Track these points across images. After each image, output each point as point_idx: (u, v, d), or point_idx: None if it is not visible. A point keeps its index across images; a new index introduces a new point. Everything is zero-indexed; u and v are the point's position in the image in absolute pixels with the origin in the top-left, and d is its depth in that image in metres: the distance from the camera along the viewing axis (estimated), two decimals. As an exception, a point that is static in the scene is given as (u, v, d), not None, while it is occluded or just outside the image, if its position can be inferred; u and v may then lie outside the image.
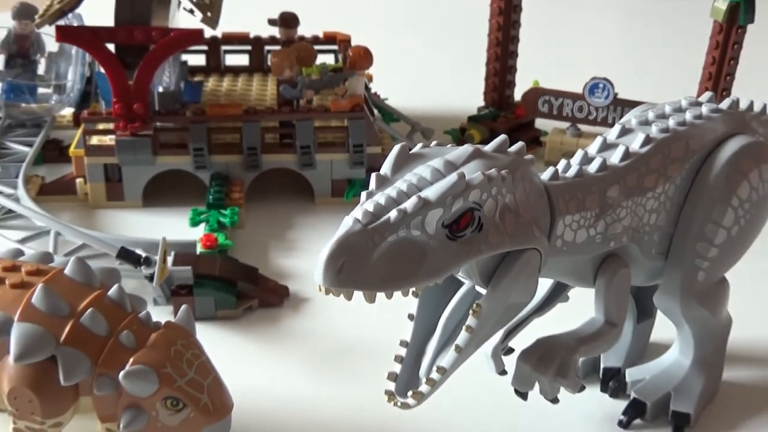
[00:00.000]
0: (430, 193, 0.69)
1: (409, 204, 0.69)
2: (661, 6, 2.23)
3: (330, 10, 1.91)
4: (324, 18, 1.62)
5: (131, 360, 0.75)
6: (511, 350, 0.87)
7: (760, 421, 0.93)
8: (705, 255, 0.85)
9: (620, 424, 0.92)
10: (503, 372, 0.86)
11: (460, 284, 0.79)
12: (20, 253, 0.85)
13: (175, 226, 1.25)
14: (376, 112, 1.43)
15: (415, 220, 0.69)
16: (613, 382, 0.96)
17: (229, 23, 1.35)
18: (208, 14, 1.19)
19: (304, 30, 1.52)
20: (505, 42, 1.51)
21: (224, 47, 1.55)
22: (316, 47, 1.45)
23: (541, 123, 1.53)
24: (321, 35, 1.55)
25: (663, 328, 0.97)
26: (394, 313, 0.79)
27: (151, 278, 1.05)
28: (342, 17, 1.64)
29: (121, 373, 0.74)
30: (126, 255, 1.07)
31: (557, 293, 0.89)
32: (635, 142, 0.83)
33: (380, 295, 0.69)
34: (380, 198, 0.70)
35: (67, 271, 0.80)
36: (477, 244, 0.71)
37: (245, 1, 1.92)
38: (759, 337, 1.05)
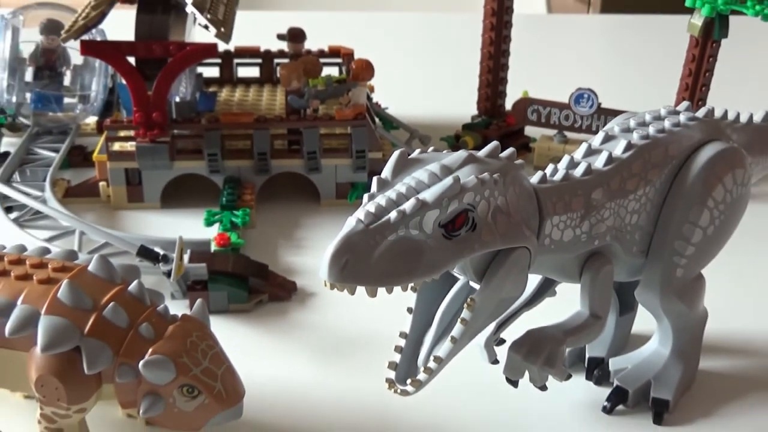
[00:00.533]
0: (428, 195, 0.69)
1: (407, 205, 0.69)
2: (641, 22, 2.23)
3: (335, 26, 1.91)
4: (329, 33, 1.62)
5: (150, 350, 0.75)
6: (502, 341, 0.87)
7: (734, 407, 0.94)
8: (683, 253, 0.86)
9: (604, 410, 0.92)
10: (495, 361, 0.87)
11: (456, 280, 0.79)
12: (47, 251, 0.85)
13: (191, 226, 1.25)
14: (377, 120, 1.43)
15: (414, 220, 0.69)
16: (597, 370, 0.96)
17: (240, 38, 1.35)
18: (222, 30, 1.19)
19: (311, 44, 1.52)
20: (497, 55, 1.51)
21: (236, 60, 1.55)
22: (322, 60, 1.45)
23: (530, 130, 1.53)
24: (326, 49, 1.55)
25: (643, 320, 0.97)
26: (394, 307, 0.80)
27: (168, 274, 1.05)
28: (346, 33, 1.65)
29: (141, 363, 0.74)
30: (145, 253, 1.08)
31: (545, 288, 0.89)
32: (618, 148, 0.83)
33: (381, 290, 0.69)
34: (381, 200, 0.70)
35: (90, 267, 0.80)
36: (471, 242, 0.71)
37: (256, 18, 1.92)
38: (733, 330, 1.05)
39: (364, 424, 0.90)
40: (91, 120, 1.51)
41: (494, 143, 0.78)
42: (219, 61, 1.53)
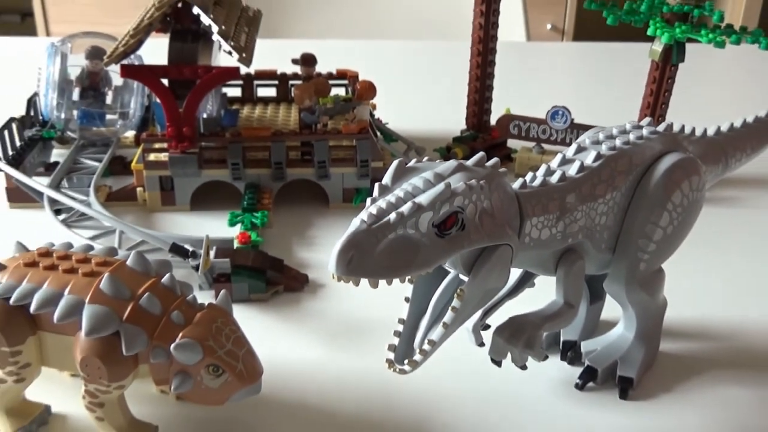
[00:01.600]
0: (423, 199, 0.69)
1: (405, 208, 0.69)
2: (608, 49, 2.23)
3: (342, 52, 1.91)
4: (337, 58, 1.62)
5: (180, 334, 0.75)
6: (488, 326, 0.87)
7: (690, 384, 0.94)
8: (645, 249, 0.85)
9: (576, 386, 0.92)
10: (482, 344, 0.86)
11: (447, 273, 0.79)
12: (90, 248, 0.85)
13: (217, 226, 1.25)
14: (378, 134, 1.43)
15: (411, 221, 0.69)
16: (570, 352, 0.96)
17: (260, 62, 1.35)
18: (243, 55, 1.19)
19: (321, 68, 1.52)
20: (483, 77, 1.51)
21: (256, 81, 1.55)
22: (331, 82, 1.45)
23: (512, 143, 1.53)
24: (334, 72, 1.55)
25: (611, 309, 0.96)
26: (393, 297, 0.79)
27: (196, 268, 1.05)
28: (351, 58, 1.64)
29: (172, 345, 0.74)
30: (176, 249, 1.08)
31: (525, 280, 0.89)
32: (589, 158, 0.83)
33: (382, 282, 0.69)
34: (382, 203, 0.71)
35: (128, 262, 0.80)
36: (460, 240, 0.71)
37: (273, 45, 1.92)
38: (689, 316, 1.05)
39: (367, 398, 0.90)
40: (130, 134, 1.51)
41: (480, 154, 0.77)
42: (241, 82, 1.53)
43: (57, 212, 1.24)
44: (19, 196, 1.30)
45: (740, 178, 1.41)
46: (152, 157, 1.30)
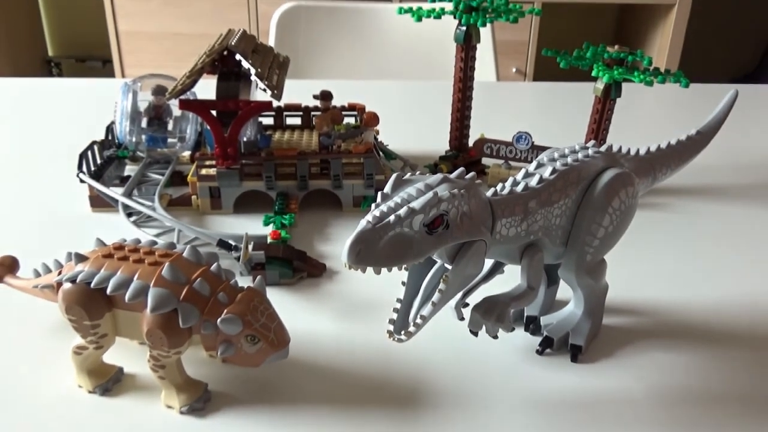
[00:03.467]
0: (416, 204, 0.69)
1: (402, 212, 0.69)
2: (561, 87, 2.22)
3: (353, 89, 1.91)
4: (349, 94, 1.62)
5: (225, 311, 0.74)
6: (467, 305, 0.87)
7: (627, 350, 0.93)
8: (591, 244, 0.85)
9: (537, 352, 0.92)
10: (462, 318, 0.86)
11: (434, 262, 0.79)
12: (154, 243, 0.85)
13: (254, 226, 1.24)
14: (381, 153, 1.43)
15: (406, 221, 0.68)
16: (532, 325, 0.95)
17: (288, 97, 1.35)
18: (275, 92, 1.18)
19: (336, 101, 1.52)
20: (463, 108, 1.50)
21: (285, 112, 1.54)
22: (343, 113, 1.45)
23: (486, 160, 1.53)
24: (347, 105, 1.55)
25: (564, 291, 0.96)
26: (392, 281, 0.79)
27: (238, 259, 1.05)
28: (360, 94, 1.64)
29: (219, 320, 0.74)
30: (222, 244, 1.07)
31: (496, 268, 0.88)
32: (546, 172, 0.83)
33: (384, 270, 0.69)
34: (384, 207, 0.70)
35: (185, 254, 0.80)
36: (445, 237, 0.71)
37: (299, 84, 1.91)
38: (626, 296, 1.05)
39: (371, 361, 0.90)
40: (186, 153, 1.51)
41: (461, 169, 0.77)
42: (273, 113, 1.52)
43: (128, 215, 1.24)
44: (99, 202, 1.30)
45: (666, 189, 1.41)
46: (204, 171, 1.30)
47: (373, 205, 0.72)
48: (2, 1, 4.37)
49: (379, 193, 0.74)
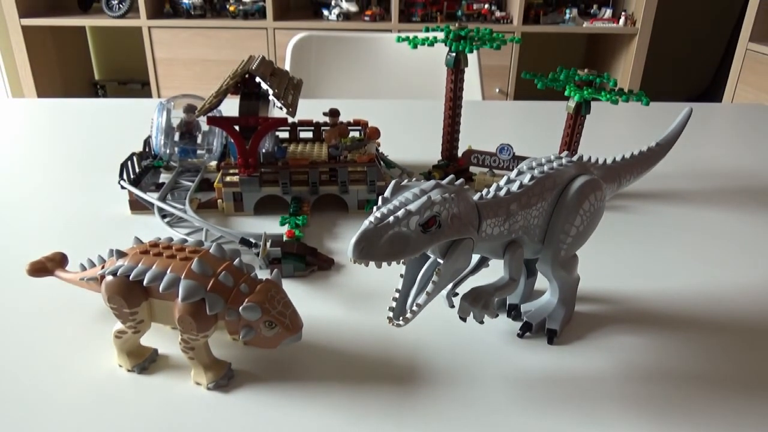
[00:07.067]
0: (412, 207, 0.69)
1: (400, 213, 0.68)
2: (538, 105, 2.22)
3: (357, 107, 1.90)
4: (354, 111, 1.61)
5: (246, 300, 0.74)
6: (457, 294, 0.86)
7: (597, 334, 0.92)
8: (564, 241, 0.85)
9: (518, 335, 0.91)
10: (452, 306, 0.86)
11: (428, 257, 0.78)
12: (185, 241, 0.85)
13: (271, 226, 1.24)
14: (382, 162, 1.42)
15: (404, 222, 0.68)
16: (513, 312, 0.95)
17: (301, 114, 1.34)
18: (290, 109, 1.18)
19: (343, 118, 1.52)
20: (453, 124, 1.50)
21: (299, 127, 1.54)
22: (349, 128, 1.44)
23: (473, 169, 1.52)
24: (352, 120, 1.54)
25: (541, 282, 0.95)
26: (391, 274, 0.79)
27: (257, 254, 1.04)
28: (364, 111, 1.64)
29: (241, 308, 0.73)
30: (244, 241, 1.07)
31: (482, 262, 0.88)
32: (526, 179, 0.82)
33: (384, 264, 0.68)
34: (384, 210, 0.70)
35: (211, 250, 0.79)
36: (438, 235, 0.70)
37: (311, 103, 1.91)
38: (596, 286, 1.04)
39: (373, 344, 0.89)
40: (213, 163, 1.51)
41: (451, 176, 0.77)
42: (289, 127, 1.52)
43: (163, 217, 1.24)
44: (137, 205, 1.29)
45: (629, 193, 1.41)
46: (228, 178, 1.29)
47: (374, 208, 0.72)
48: (56, 33, 4.39)
49: (380, 197, 0.73)
